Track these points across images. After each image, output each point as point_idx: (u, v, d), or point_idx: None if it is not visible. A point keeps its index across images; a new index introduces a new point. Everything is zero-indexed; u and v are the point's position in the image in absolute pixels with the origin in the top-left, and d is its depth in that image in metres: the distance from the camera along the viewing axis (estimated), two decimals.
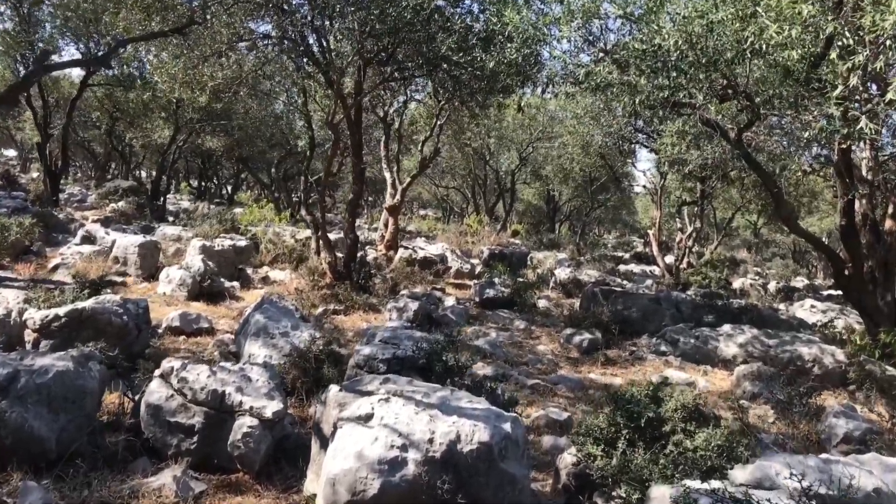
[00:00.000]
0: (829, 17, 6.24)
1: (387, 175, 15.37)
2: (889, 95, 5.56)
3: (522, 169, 26.33)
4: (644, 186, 20.07)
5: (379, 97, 14.66)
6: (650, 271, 20.27)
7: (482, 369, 8.06)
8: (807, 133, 6.16)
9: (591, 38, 8.83)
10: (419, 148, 15.87)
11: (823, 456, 4.19)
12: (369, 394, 4.28)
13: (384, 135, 15.79)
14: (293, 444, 5.02)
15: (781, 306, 15.85)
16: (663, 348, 9.83)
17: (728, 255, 28.03)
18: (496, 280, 13.25)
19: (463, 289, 14.44)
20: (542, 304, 13.09)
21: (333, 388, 4.44)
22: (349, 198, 12.11)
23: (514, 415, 4.23)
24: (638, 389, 4.69)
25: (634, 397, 4.44)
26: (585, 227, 27.90)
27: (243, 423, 4.62)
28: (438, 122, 15.44)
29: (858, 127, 5.67)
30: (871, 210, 10.31)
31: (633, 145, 18.04)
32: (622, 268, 20.76)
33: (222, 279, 11.11)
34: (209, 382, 4.82)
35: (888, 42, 5.77)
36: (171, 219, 20.26)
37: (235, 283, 11.41)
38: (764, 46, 6.08)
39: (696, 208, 17.70)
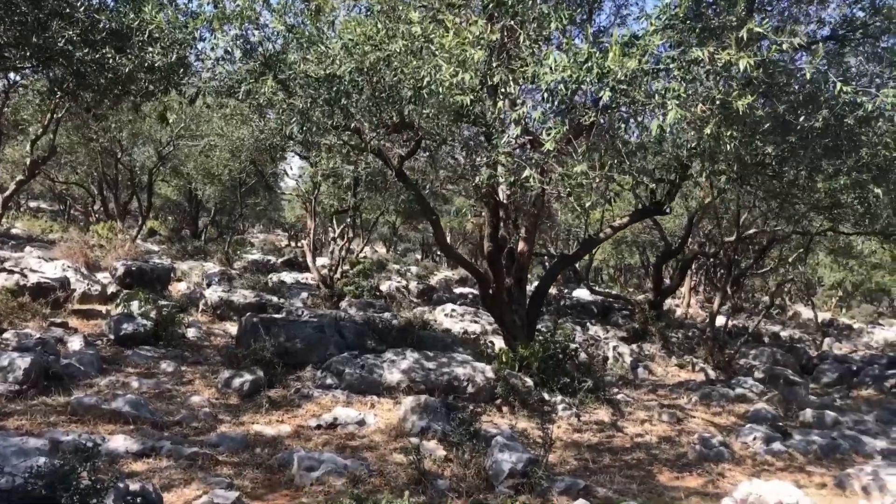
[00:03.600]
0: (496, 64, 6.36)
1: None
2: (547, 146, 5.82)
3: (161, 167, 23.70)
4: (297, 195, 19.58)
5: None
6: (303, 280, 19.90)
7: (125, 442, 6.60)
8: (476, 179, 6.24)
9: (248, 47, 7.86)
10: (29, 147, 12.88)
11: None
12: None
13: None
14: None
15: (427, 312, 16.81)
16: (329, 381, 9.39)
17: (374, 258, 29.24)
18: (135, 309, 11.39)
19: (93, 317, 12.14)
20: (191, 333, 11.66)
21: None
22: None
23: None
24: None
25: None
26: (234, 234, 26.33)
27: None
28: (56, 116, 12.71)
29: (524, 175, 5.84)
30: (509, 234, 11.31)
31: (285, 152, 17.38)
32: (274, 277, 19.99)
33: None
34: None
35: (546, 95, 6.04)
36: None
37: None
38: (440, 88, 5.90)
39: (348, 218, 17.81)
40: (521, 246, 11.24)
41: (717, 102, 6.24)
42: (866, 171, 8.30)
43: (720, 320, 22.72)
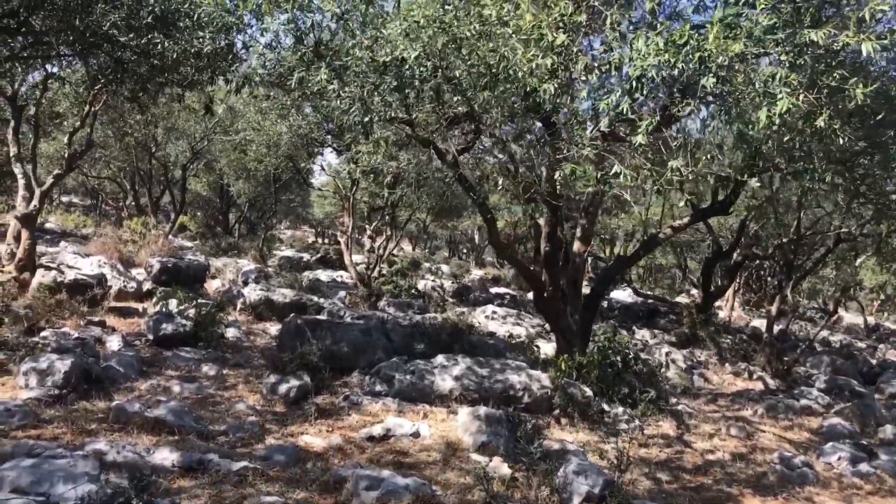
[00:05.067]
0: (575, 50, 5.77)
1: (18, 173, 11.80)
2: (638, 139, 5.24)
3: (195, 163, 23.43)
4: (334, 192, 19.11)
5: (7, 71, 11.11)
6: (339, 278, 19.47)
7: (170, 454, 6.14)
8: (557, 174, 5.66)
9: (299, 34, 7.38)
10: (66, 140, 12.54)
11: None
12: None
13: (13, 119, 12.12)
14: None
15: (467, 313, 16.24)
16: (378, 388, 8.89)
17: (405, 256, 28.75)
18: (173, 308, 11.00)
19: (129, 316, 11.79)
20: (231, 333, 11.24)
21: None
22: None
23: None
24: None
25: None
26: (267, 230, 25.99)
27: None
28: (93, 109, 12.35)
29: (614, 172, 5.25)
30: (563, 233, 10.70)
31: (322, 147, 16.93)
32: (309, 275, 19.56)
33: None
34: None
35: (634, 83, 5.43)
36: None
37: None
38: (518, 73, 5.33)
39: (386, 216, 17.31)
40: (576, 246, 10.65)
41: (825, 91, 5.60)
42: None
43: (765, 324, 21.95)
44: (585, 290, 11.48)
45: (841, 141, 5.38)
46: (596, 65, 5.39)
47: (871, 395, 13.98)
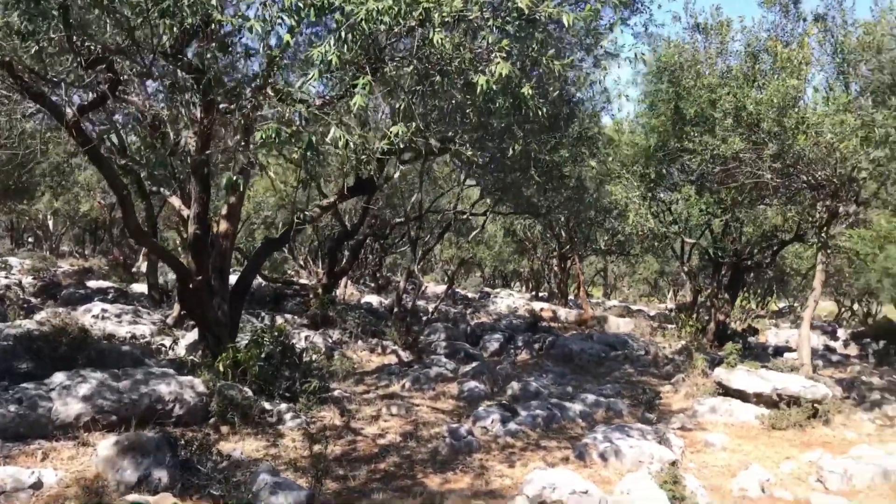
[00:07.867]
0: None
1: None
2: (356, 101, 4.56)
3: None
4: None
5: None
6: None
7: None
8: (257, 136, 4.50)
9: None
10: None
11: None
12: None
13: None
14: None
15: (65, 315, 13.37)
16: None
17: None
18: None
19: None
20: None
21: None
22: None
23: None
24: None
25: None
26: None
27: None
28: None
29: (331, 136, 4.44)
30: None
31: None
32: None
33: None
34: None
35: (344, 32, 4.71)
36: None
37: None
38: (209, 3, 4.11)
39: None
40: (222, 227, 9.37)
41: (524, 60, 5.67)
42: (583, 144, 8.73)
43: (374, 299, 23.31)
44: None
45: (540, 113, 5.46)
46: (301, 5, 4.45)
47: (481, 355, 15.74)
